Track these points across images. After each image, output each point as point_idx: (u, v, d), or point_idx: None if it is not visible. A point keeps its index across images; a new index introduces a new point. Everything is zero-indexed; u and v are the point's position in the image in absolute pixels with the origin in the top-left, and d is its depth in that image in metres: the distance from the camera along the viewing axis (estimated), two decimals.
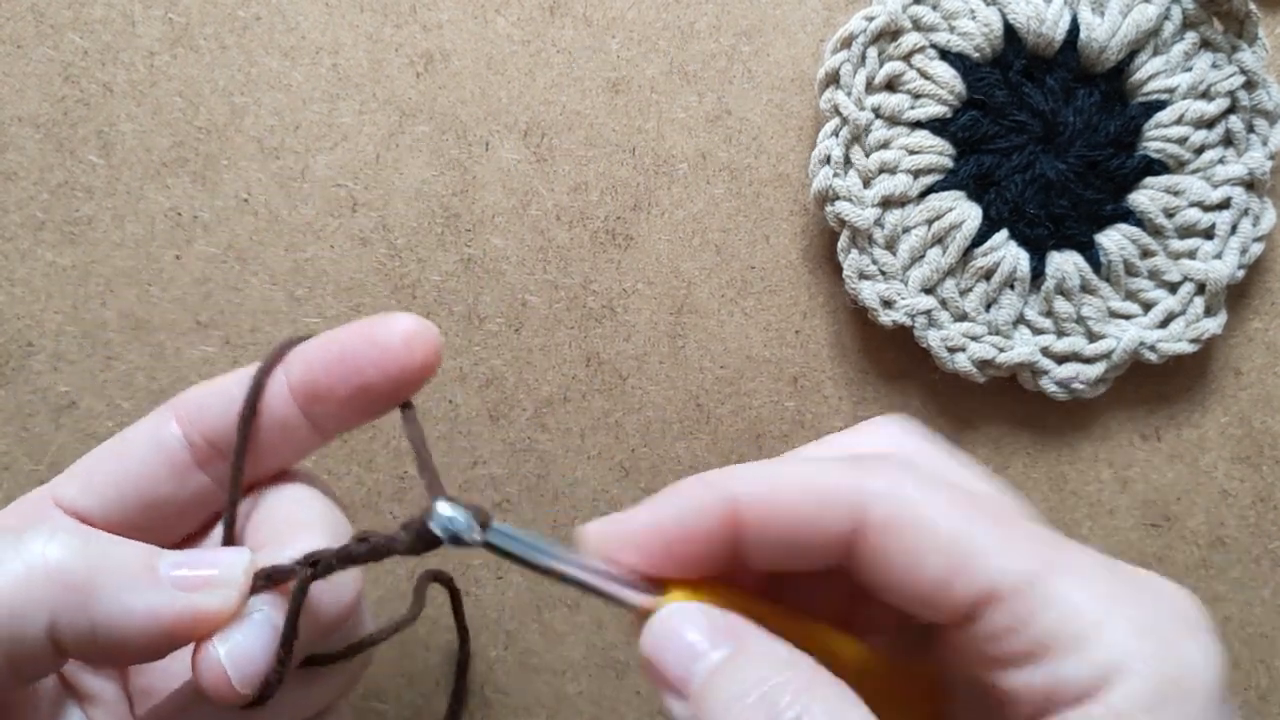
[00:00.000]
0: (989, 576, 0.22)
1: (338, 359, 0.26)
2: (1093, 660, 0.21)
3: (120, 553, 0.23)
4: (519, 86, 0.39)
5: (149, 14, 0.39)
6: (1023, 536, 0.22)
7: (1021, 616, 0.21)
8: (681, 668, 0.23)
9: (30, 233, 0.39)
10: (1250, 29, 0.38)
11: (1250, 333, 0.41)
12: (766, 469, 0.24)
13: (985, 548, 0.22)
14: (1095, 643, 0.21)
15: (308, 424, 0.27)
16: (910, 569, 0.22)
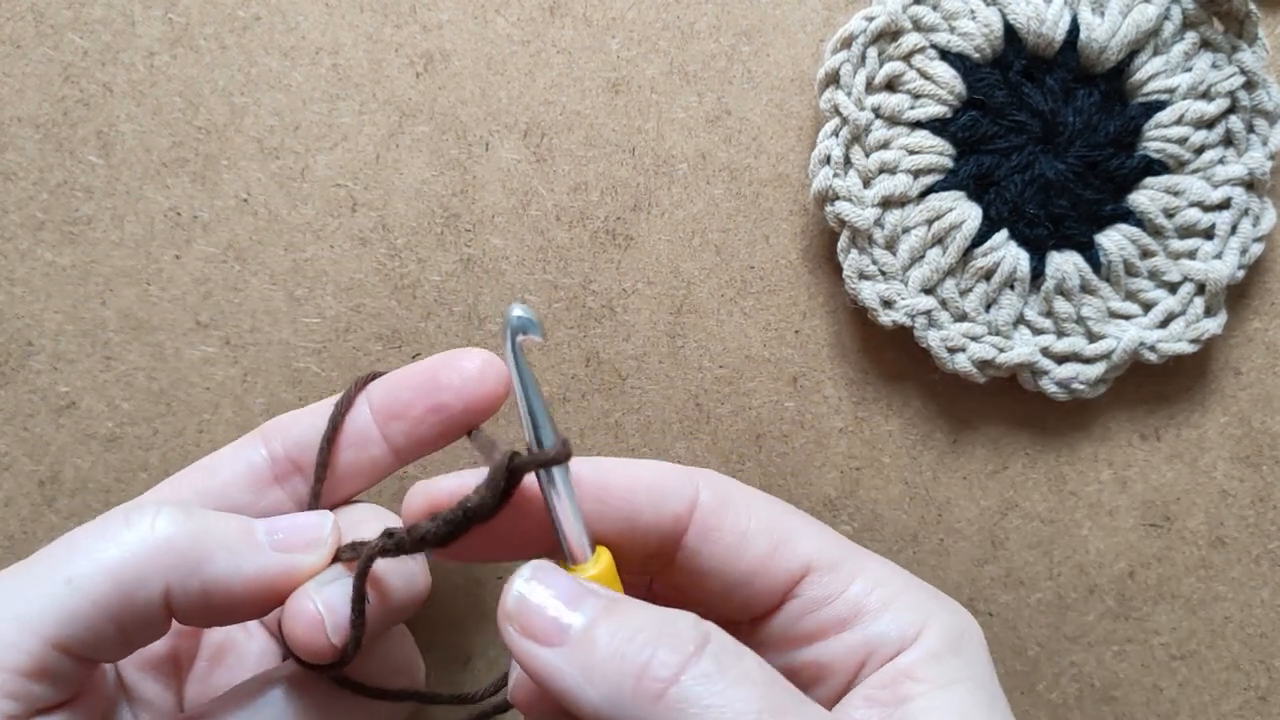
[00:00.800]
0: (806, 552, 0.26)
1: (421, 379, 0.29)
2: (902, 618, 0.25)
3: (222, 522, 0.26)
4: (519, 86, 0.39)
5: (149, 14, 0.39)
6: (826, 531, 0.27)
7: (835, 587, 0.25)
8: (554, 615, 0.24)
9: (30, 232, 0.39)
10: (1250, 29, 0.38)
11: (1250, 333, 0.41)
12: (608, 460, 0.27)
13: (800, 530, 0.26)
14: (900, 606, 0.25)
15: (385, 445, 0.30)
16: (736, 546, 0.26)
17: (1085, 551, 0.41)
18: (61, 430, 0.39)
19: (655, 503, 0.26)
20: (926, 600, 0.26)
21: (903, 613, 0.25)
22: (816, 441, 0.40)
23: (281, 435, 0.30)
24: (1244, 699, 0.41)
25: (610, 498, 0.27)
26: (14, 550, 0.39)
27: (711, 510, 0.26)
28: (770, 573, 0.26)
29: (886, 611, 0.25)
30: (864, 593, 0.26)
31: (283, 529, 0.27)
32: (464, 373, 0.29)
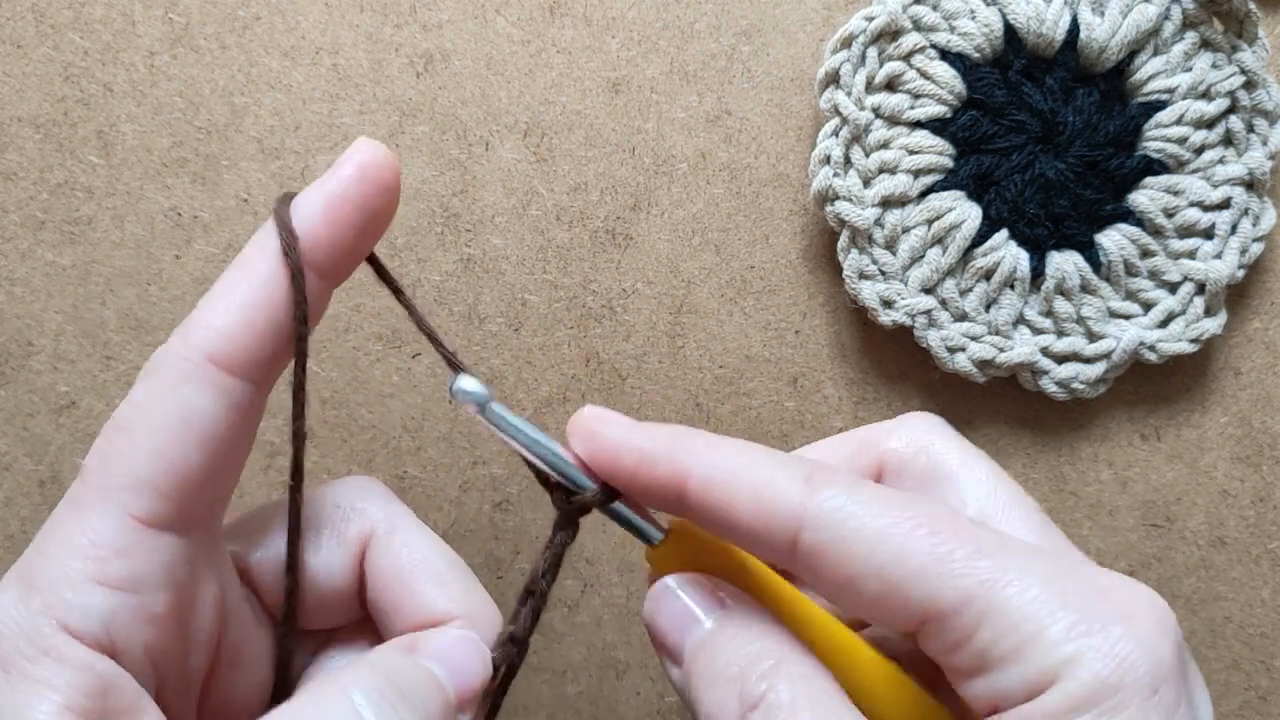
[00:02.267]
0: (923, 601, 0.22)
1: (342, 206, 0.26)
2: (1027, 671, 0.21)
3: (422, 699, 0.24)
4: (519, 86, 0.39)
5: (149, 14, 0.39)
6: (964, 554, 0.22)
7: (960, 636, 0.22)
8: (675, 638, 0.25)
9: (30, 233, 0.39)
10: (1250, 29, 0.38)
11: (1250, 333, 0.41)
12: (726, 459, 0.25)
13: (920, 571, 0.22)
14: (1030, 653, 0.21)
15: (321, 287, 0.26)
16: (846, 587, 0.23)
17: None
18: (61, 430, 0.39)
19: (754, 534, 0.24)
20: (1071, 636, 0.21)
21: (1035, 659, 0.21)
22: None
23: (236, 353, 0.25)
24: (1244, 699, 0.41)
25: (709, 516, 0.24)
26: (14, 550, 0.39)
27: (815, 551, 0.23)
28: (886, 616, 0.23)
29: (1015, 661, 0.22)
30: (990, 642, 0.22)
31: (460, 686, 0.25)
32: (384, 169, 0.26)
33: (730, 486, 0.24)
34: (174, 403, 0.24)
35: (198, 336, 0.24)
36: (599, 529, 0.40)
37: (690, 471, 0.24)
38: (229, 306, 0.25)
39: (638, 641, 0.40)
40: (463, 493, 0.39)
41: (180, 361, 0.24)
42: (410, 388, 0.39)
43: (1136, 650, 0.21)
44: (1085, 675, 0.21)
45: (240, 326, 0.24)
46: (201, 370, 0.24)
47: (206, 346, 0.24)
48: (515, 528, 0.39)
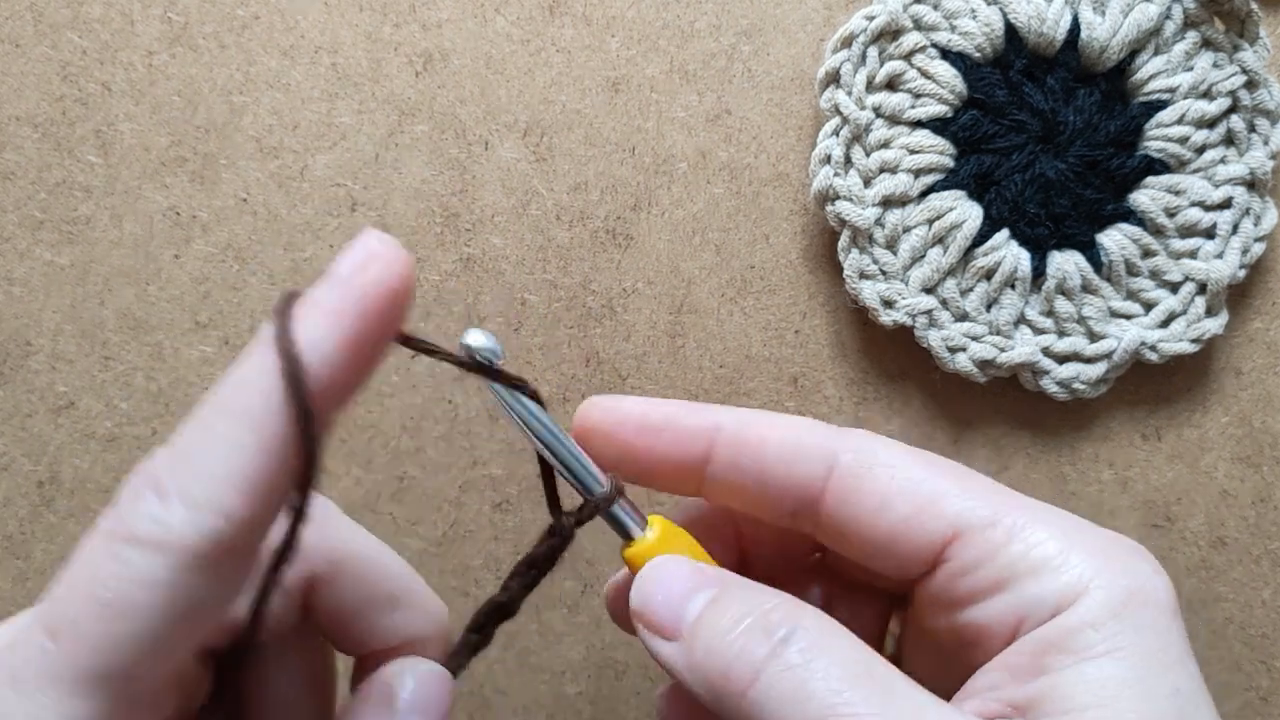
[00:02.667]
0: (955, 513, 0.24)
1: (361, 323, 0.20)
2: (1058, 581, 0.22)
3: None
4: (518, 86, 0.39)
5: (148, 13, 0.39)
6: (982, 486, 0.25)
7: (988, 549, 0.23)
8: (671, 611, 0.24)
9: (28, 232, 0.39)
10: (1251, 28, 0.38)
11: (1251, 333, 0.41)
12: (750, 412, 0.26)
13: (948, 491, 0.24)
14: (1058, 566, 0.23)
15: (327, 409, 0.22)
16: (878, 510, 0.24)
17: None
18: (60, 430, 0.39)
19: (786, 463, 0.25)
20: (1094, 557, 0.23)
21: (1061, 574, 0.23)
22: None
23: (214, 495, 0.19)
24: (1245, 699, 0.41)
25: (741, 456, 0.25)
26: (13, 550, 0.39)
27: (851, 474, 0.25)
28: (914, 537, 0.24)
29: (1043, 573, 0.23)
30: (1020, 554, 0.23)
31: None
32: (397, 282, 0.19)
33: (764, 427, 0.25)
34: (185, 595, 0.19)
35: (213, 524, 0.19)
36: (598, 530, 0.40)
37: (721, 421, 0.25)
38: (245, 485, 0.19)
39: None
40: (462, 493, 0.39)
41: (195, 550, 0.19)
42: (409, 388, 0.39)
43: (1155, 577, 0.23)
44: (1114, 587, 0.22)
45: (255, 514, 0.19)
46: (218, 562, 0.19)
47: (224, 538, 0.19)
48: (515, 528, 0.39)
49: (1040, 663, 0.22)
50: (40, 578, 0.39)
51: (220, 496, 0.19)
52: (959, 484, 0.24)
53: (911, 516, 0.24)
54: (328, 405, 0.20)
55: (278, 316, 0.20)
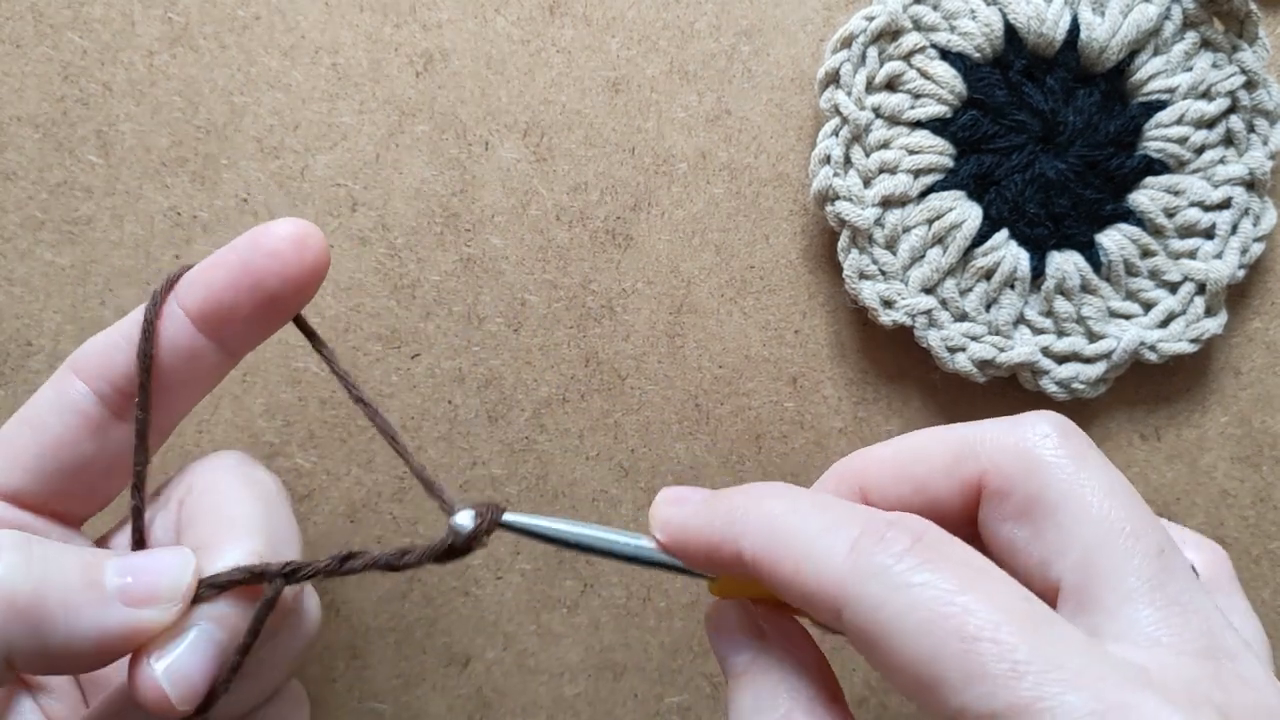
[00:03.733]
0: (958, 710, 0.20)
1: (239, 274, 0.27)
2: None
3: (64, 567, 0.23)
4: (519, 86, 0.39)
5: (148, 13, 0.39)
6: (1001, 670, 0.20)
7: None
8: (724, 657, 0.26)
9: (29, 232, 0.39)
10: (1251, 28, 0.38)
11: (1250, 333, 0.41)
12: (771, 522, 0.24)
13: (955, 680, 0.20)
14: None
15: (214, 349, 0.28)
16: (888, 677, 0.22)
17: None
18: None
19: (805, 605, 0.23)
20: None
21: None
22: (816, 442, 0.40)
23: (100, 368, 0.27)
24: None
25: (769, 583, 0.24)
26: None
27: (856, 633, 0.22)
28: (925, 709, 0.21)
29: None
30: None
31: (135, 572, 0.23)
32: (280, 249, 0.27)
33: (775, 559, 0.23)
34: (35, 396, 0.28)
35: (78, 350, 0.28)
36: None
37: (741, 546, 0.24)
38: (111, 329, 0.28)
39: (636, 643, 0.40)
40: (462, 493, 0.39)
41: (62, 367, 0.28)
42: (409, 388, 0.39)
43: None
44: None
45: (103, 345, 0.28)
46: (61, 372, 0.28)
47: (76, 354, 0.28)
48: None
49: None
50: None
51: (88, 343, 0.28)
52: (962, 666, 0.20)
53: (916, 695, 0.21)
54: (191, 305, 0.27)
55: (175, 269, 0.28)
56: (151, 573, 0.24)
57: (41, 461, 0.27)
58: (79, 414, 0.27)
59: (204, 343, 0.27)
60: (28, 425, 0.27)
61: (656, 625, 0.40)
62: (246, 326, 0.27)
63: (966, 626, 0.20)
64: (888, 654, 0.21)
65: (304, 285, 0.27)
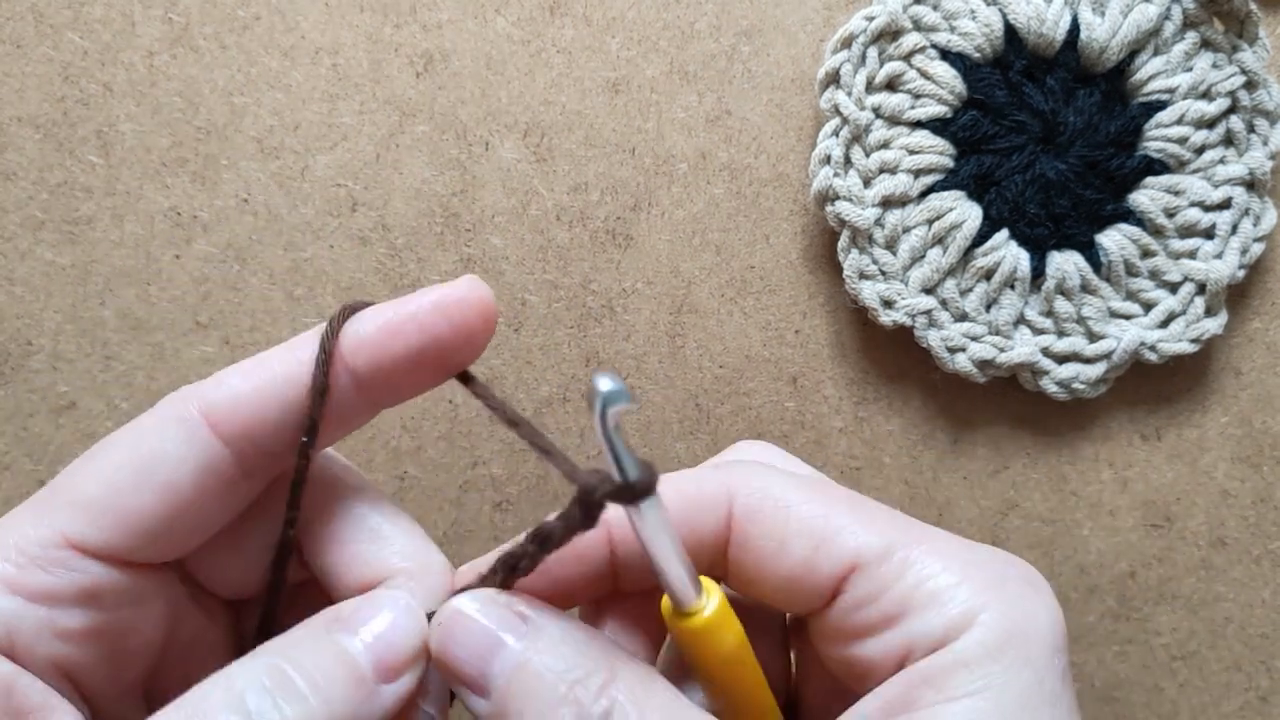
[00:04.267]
0: (850, 549, 0.24)
1: (419, 345, 0.24)
2: (944, 615, 0.22)
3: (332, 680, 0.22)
4: (519, 86, 0.39)
5: (149, 14, 0.39)
6: (878, 517, 0.24)
7: (881, 583, 0.23)
8: (476, 666, 0.22)
9: (30, 232, 0.39)
10: (1251, 29, 0.38)
11: (1251, 333, 0.41)
12: None
13: (844, 526, 0.24)
14: (947, 600, 0.23)
15: (360, 399, 0.25)
16: (778, 553, 0.24)
17: (1086, 552, 0.41)
18: (61, 430, 0.39)
19: (690, 521, 0.25)
20: (985, 590, 0.23)
21: (949, 608, 0.22)
22: (816, 441, 0.40)
23: (246, 427, 0.24)
24: (1244, 700, 0.41)
25: None
26: None
27: (747, 517, 0.25)
28: (812, 575, 0.24)
29: (931, 608, 0.23)
30: (911, 587, 0.23)
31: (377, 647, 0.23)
32: (469, 323, 0.24)
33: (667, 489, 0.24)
34: (151, 442, 0.23)
35: (206, 389, 0.24)
36: None
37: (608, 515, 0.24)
38: (248, 375, 0.24)
39: None
40: (463, 493, 0.39)
41: (179, 406, 0.24)
42: None
43: (1041, 611, 0.23)
44: (996, 625, 0.22)
45: (247, 396, 0.24)
46: (190, 421, 0.23)
47: (206, 401, 0.24)
48: (515, 528, 0.39)
49: (911, 696, 0.22)
50: None
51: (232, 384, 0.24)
52: (855, 516, 0.24)
53: (810, 556, 0.24)
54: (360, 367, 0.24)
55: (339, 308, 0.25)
56: (391, 643, 0.23)
57: (165, 525, 0.24)
58: (217, 477, 0.24)
59: (359, 401, 0.25)
60: (152, 482, 0.23)
61: None
62: (407, 392, 0.25)
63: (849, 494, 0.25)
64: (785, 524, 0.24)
65: (477, 350, 0.25)
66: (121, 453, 0.23)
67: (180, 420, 0.23)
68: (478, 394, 0.26)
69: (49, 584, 0.23)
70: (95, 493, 0.23)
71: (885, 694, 0.23)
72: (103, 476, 0.23)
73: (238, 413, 0.24)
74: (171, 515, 0.23)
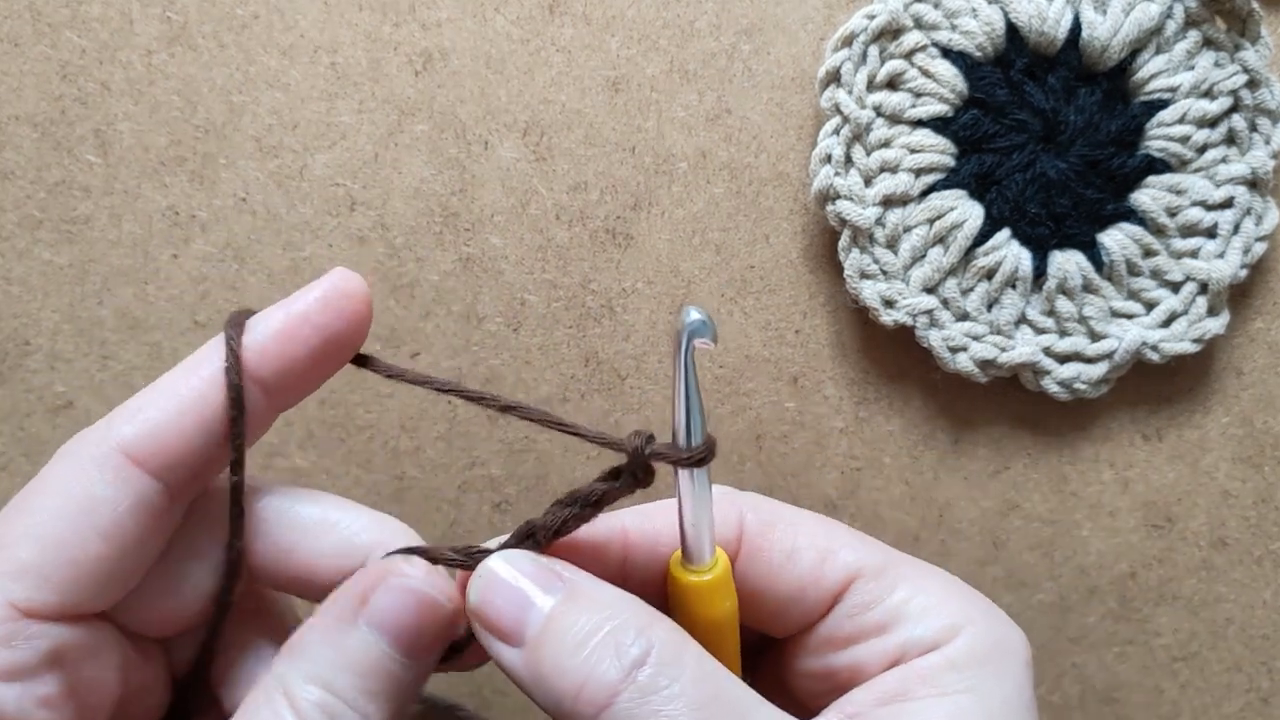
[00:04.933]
0: (852, 561, 0.26)
1: (319, 342, 0.25)
2: (935, 625, 0.25)
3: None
4: (518, 85, 0.39)
5: (147, 12, 0.39)
6: (871, 541, 0.27)
7: (877, 593, 0.26)
8: (513, 616, 0.23)
9: (27, 231, 0.38)
10: (1253, 27, 0.38)
11: (1252, 333, 0.40)
12: (653, 505, 0.28)
13: (846, 542, 0.27)
14: (938, 612, 0.25)
15: (269, 407, 0.25)
16: (786, 563, 0.26)
17: (1087, 552, 0.40)
18: (58, 430, 0.39)
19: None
20: (968, 608, 0.26)
21: (939, 618, 0.25)
22: (817, 442, 0.40)
23: (166, 455, 0.23)
24: (1245, 701, 0.41)
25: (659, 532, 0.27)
26: None
27: (758, 532, 0.27)
28: (818, 583, 0.26)
29: (924, 617, 0.25)
30: (905, 599, 0.26)
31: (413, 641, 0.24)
32: (358, 309, 0.25)
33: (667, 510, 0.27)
34: (79, 490, 0.23)
35: (119, 426, 0.23)
36: None
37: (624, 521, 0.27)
38: (159, 404, 0.24)
39: None
40: (461, 493, 0.39)
41: (94, 448, 0.23)
42: (408, 387, 0.39)
43: (1015, 634, 0.26)
44: (983, 636, 0.25)
45: (164, 426, 0.24)
46: (113, 461, 0.23)
47: (125, 438, 0.23)
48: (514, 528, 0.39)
49: (904, 688, 0.24)
50: None
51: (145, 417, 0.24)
52: (853, 537, 0.27)
53: (817, 565, 0.26)
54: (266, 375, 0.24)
55: (230, 316, 0.25)
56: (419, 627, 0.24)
57: (113, 569, 0.23)
58: (152, 510, 0.24)
59: (269, 410, 0.25)
60: (95, 529, 0.23)
61: None
62: (308, 390, 0.26)
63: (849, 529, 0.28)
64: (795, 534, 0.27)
65: (364, 335, 0.26)
66: (51, 505, 0.23)
67: (103, 461, 0.23)
68: (384, 371, 0.26)
69: (15, 659, 0.23)
70: (36, 552, 0.23)
71: (879, 686, 0.25)
72: (40, 534, 0.23)
73: (160, 444, 0.24)
74: (117, 558, 0.23)
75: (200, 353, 0.25)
